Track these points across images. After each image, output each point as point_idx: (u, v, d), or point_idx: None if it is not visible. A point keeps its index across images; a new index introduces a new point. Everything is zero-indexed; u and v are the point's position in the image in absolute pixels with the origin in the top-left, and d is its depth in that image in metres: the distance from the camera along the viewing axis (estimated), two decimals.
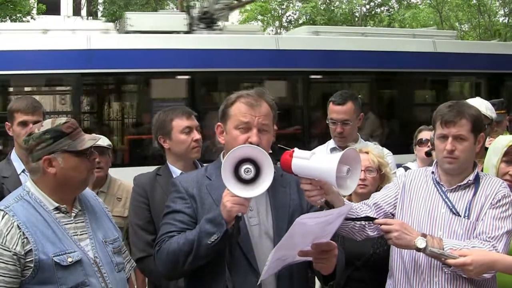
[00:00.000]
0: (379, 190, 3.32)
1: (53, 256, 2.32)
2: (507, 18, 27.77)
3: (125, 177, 4.12)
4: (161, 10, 16.55)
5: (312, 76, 9.86)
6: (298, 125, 9.72)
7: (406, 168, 4.43)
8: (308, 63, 9.45)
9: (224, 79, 9.51)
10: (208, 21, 9.70)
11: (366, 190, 3.34)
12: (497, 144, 3.18)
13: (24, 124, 3.57)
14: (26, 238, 2.30)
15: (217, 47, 9.05)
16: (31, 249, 2.30)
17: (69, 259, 2.36)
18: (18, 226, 2.31)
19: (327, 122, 4.10)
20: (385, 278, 3.23)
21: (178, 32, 9.41)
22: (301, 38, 10.12)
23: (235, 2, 10.75)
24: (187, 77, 9.18)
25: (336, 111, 4.02)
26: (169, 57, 8.82)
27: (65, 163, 2.44)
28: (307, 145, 8.78)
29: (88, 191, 2.69)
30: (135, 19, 9.52)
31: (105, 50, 8.57)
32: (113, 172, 4.10)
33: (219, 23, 9.91)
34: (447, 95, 11.06)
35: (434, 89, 11.46)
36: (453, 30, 14.96)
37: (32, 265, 2.29)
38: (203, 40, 9.21)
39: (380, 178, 3.44)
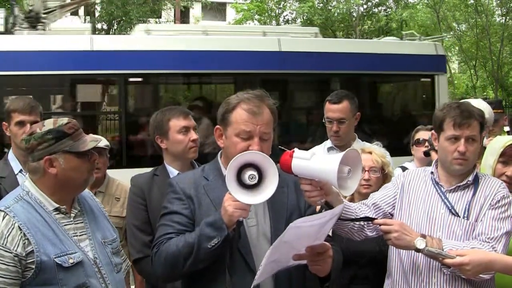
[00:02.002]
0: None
1: (55, 258, 2.32)
2: (504, 18, 27.80)
3: None
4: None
5: (131, 79, 9.07)
6: (115, 133, 8.88)
7: (404, 168, 4.44)
8: (125, 65, 8.59)
9: (31, 83, 8.57)
10: (32, 20, 8.95)
11: (370, 190, 3.34)
12: (494, 145, 3.18)
13: (21, 124, 3.57)
14: (27, 239, 2.30)
15: (24, 49, 8.21)
16: (33, 250, 2.29)
17: (71, 260, 2.35)
18: (19, 227, 2.30)
19: (324, 121, 4.11)
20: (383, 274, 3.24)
21: None
22: (119, 38, 9.42)
23: (68, 1, 9.97)
24: None
25: (332, 109, 4.04)
26: None
27: (66, 164, 2.43)
28: (125, 156, 8.30)
29: (85, 191, 2.68)
30: None
31: None
32: None
33: (46, 23, 9.08)
34: (291, 98, 10.36)
35: (277, 91, 10.22)
36: (315, 27, 13.40)
37: (33, 267, 2.28)
38: (5, 41, 8.33)
39: (383, 178, 3.45)
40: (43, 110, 3.77)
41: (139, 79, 9.35)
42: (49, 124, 2.47)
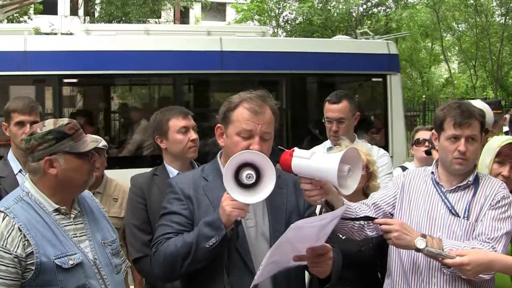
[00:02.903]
0: (366, 188, 3.31)
1: (54, 259, 2.31)
2: (504, 18, 27.81)
3: None
4: None
5: (66, 80, 8.69)
6: None
7: (404, 168, 4.45)
8: (60, 66, 8.28)
9: None
10: None
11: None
12: (491, 145, 3.18)
13: (21, 124, 3.56)
14: (27, 240, 2.29)
15: None
16: (32, 251, 2.28)
17: (70, 262, 2.35)
18: (19, 229, 2.30)
19: (323, 121, 4.12)
20: (369, 276, 3.24)
21: None
22: (55, 39, 9.07)
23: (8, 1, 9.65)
24: None
25: (331, 109, 4.05)
26: None
27: (67, 165, 2.43)
28: None
29: (85, 192, 2.68)
30: None
31: None
32: None
33: None
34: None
35: (219, 92, 10.09)
36: (265, 27, 12.69)
37: (33, 268, 2.28)
38: None
39: (367, 176, 3.43)
40: None
41: (74, 80, 9.00)
42: (49, 124, 2.46)
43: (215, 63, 8.82)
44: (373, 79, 10.12)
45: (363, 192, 3.35)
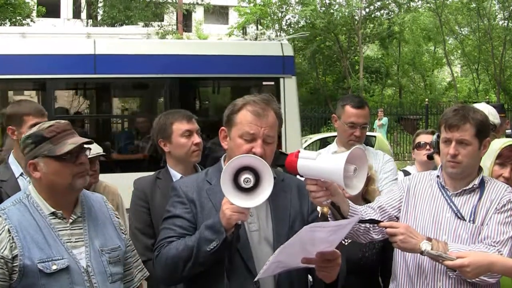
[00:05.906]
0: (365, 193, 3.29)
1: (38, 263, 2.30)
2: (506, 21, 27.82)
3: None
4: None
5: None
6: None
7: (406, 172, 4.44)
8: None
9: None
10: None
11: None
12: (491, 147, 3.16)
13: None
14: (15, 242, 2.30)
15: None
16: (18, 254, 2.29)
17: (54, 267, 2.33)
18: (8, 230, 2.31)
19: (344, 125, 3.98)
20: (373, 282, 3.21)
21: None
22: None
23: None
24: None
25: (356, 114, 3.92)
26: None
27: (47, 168, 2.40)
28: None
29: (98, 196, 2.65)
30: None
31: None
32: None
33: None
34: (108, 104, 9.49)
35: (92, 97, 9.60)
36: (151, 28, 11.97)
37: (17, 270, 2.29)
38: None
39: (366, 181, 3.39)
40: None
41: None
42: (34, 128, 2.46)
43: (88, 67, 8.35)
44: (265, 83, 9.38)
45: (362, 197, 3.32)
